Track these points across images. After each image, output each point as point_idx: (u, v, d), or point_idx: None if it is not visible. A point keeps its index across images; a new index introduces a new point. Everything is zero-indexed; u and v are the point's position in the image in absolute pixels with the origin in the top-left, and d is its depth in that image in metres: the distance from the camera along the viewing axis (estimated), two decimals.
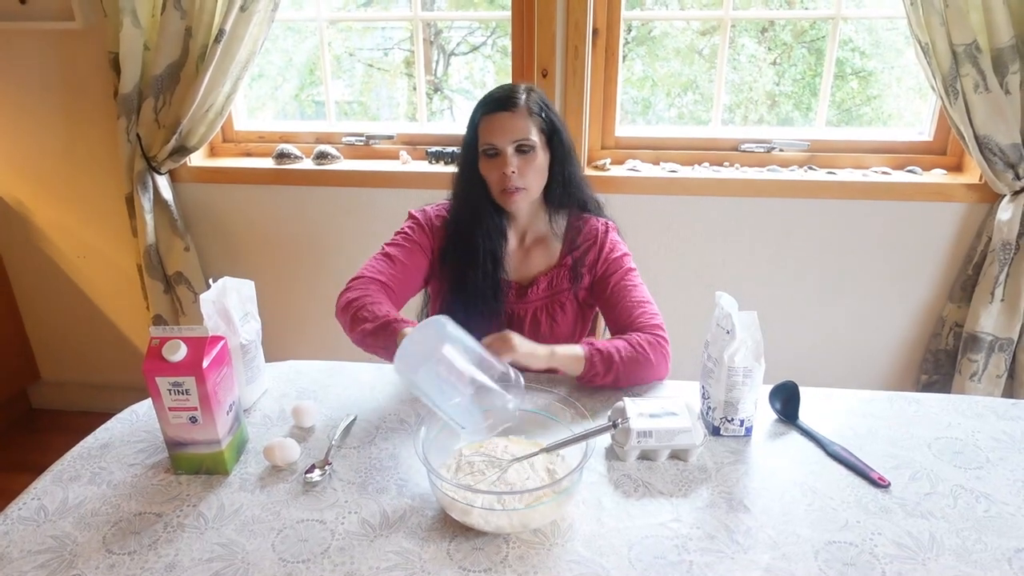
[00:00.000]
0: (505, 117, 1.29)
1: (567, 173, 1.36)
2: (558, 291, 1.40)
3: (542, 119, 1.31)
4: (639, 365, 1.25)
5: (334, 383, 1.34)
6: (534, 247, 1.42)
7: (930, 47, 1.72)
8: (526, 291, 1.40)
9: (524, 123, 1.29)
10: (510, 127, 1.28)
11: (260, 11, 1.92)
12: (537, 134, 1.30)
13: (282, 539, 0.96)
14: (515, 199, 1.31)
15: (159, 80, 1.99)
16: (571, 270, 1.39)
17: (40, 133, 2.23)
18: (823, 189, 2.00)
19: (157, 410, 1.05)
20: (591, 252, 1.39)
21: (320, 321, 2.36)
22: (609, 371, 1.23)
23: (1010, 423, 1.19)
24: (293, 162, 2.21)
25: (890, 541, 0.95)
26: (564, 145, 1.34)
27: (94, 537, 0.97)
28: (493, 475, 1.03)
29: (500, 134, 1.29)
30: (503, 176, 1.29)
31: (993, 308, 1.92)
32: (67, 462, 1.13)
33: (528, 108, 1.30)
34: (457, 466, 1.06)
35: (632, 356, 1.24)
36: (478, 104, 1.33)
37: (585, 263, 1.39)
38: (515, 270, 1.42)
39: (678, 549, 0.94)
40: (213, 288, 1.20)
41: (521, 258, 1.42)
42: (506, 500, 0.97)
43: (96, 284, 2.46)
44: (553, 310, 1.40)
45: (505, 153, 1.29)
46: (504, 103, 1.29)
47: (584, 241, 1.40)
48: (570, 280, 1.39)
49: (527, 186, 1.31)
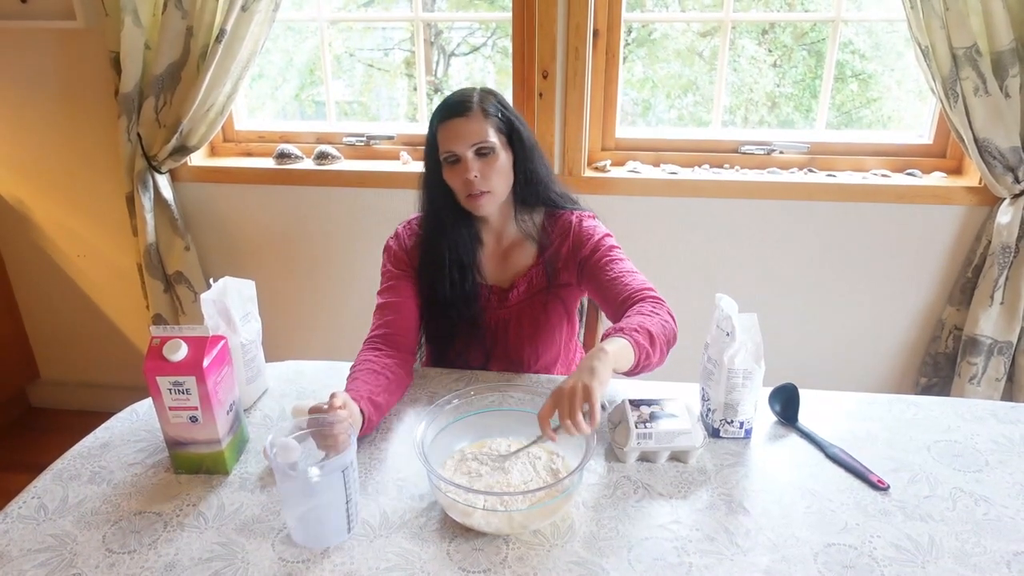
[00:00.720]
0: (460, 123, 1.28)
1: (530, 170, 1.35)
2: (537, 291, 1.39)
3: (499, 119, 1.31)
4: (666, 329, 1.19)
5: (334, 383, 1.34)
6: (511, 250, 1.42)
7: (930, 50, 1.73)
8: (507, 294, 1.40)
9: (480, 126, 1.28)
10: (466, 132, 1.28)
11: (261, 11, 1.92)
12: (495, 135, 1.30)
13: (282, 539, 0.96)
14: (481, 203, 1.31)
15: (160, 79, 1.99)
16: (546, 267, 1.39)
17: (41, 132, 2.23)
18: (823, 191, 2.00)
19: (157, 409, 1.05)
20: (564, 245, 1.38)
21: (320, 321, 2.36)
22: (654, 345, 1.14)
23: (1009, 426, 1.19)
24: (293, 162, 2.21)
25: (889, 544, 0.95)
26: (525, 143, 1.34)
27: (94, 536, 0.97)
28: (493, 474, 1.03)
29: (457, 140, 1.28)
30: (466, 181, 1.29)
31: (992, 311, 1.92)
32: (67, 461, 1.13)
33: (483, 110, 1.29)
34: (456, 467, 1.07)
35: (659, 325, 1.17)
36: (433, 113, 1.32)
37: (560, 257, 1.38)
38: (494, 274, 1.42)
39: (678, 551, 0.94)
40: (214, 288, 1.20)
41: (499, 262, 1.42)
42: (507, 501, 0.97)
43: (96, 283, 2.46)
44: (535, 310, 1.39)
45: (465, 158, 1.29)
46: (458, 108, 1.29)
47: (557, 236, 1.39)
48: (547, 278, 1.39)
49: (491, 188, 1.30)
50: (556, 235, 1.39)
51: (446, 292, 1.37)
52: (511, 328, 1.41)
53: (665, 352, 1.19)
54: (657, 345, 1.15)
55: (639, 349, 1.11)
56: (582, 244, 1.37)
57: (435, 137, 1.32)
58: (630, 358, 1.10)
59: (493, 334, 1.42)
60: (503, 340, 1.42)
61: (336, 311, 1.38)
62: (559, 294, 1.40)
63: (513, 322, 1.40)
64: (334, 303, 1.32)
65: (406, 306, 1.37)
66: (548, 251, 1.39)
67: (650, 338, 1.14)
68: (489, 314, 1.41)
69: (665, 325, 1.19)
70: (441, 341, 1.44)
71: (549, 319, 1.40)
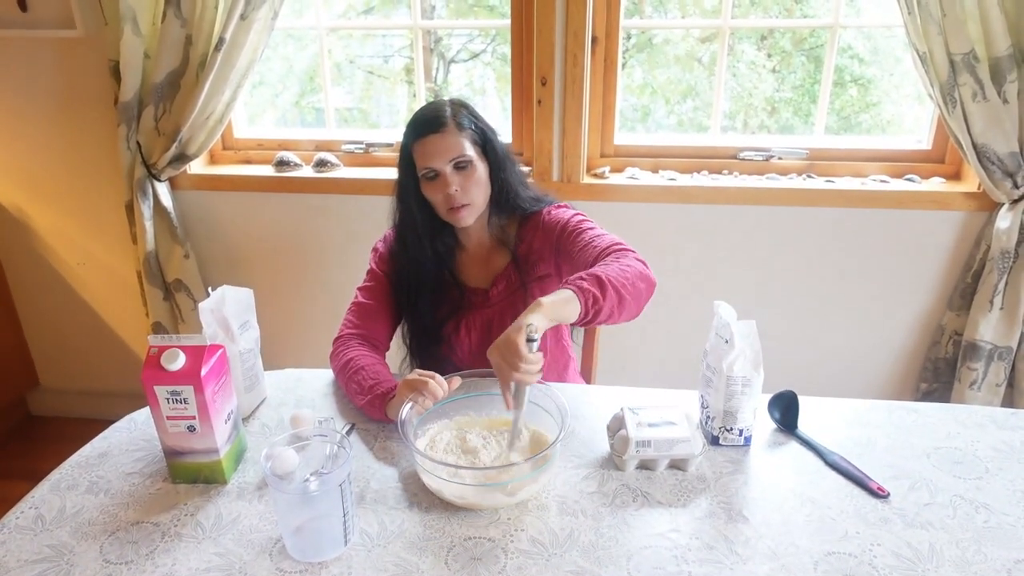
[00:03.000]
0: (436, 139, 1.29)
1: (504, 179, 1.37)
2: (516, 287, 1.41)
3: (473, 131, 1.32)
4: (626, 273, 1.16)
5: (332, 391, 1.34)
6: (490, 254, 1.44)
7: (928, 56, 1.73)
8: (487, 294, 1.42)
9: (456, 140, 1.29)
10: (443, 147, 1.29)
11: (260, 19, 1.92)
12: (471, 148, 1.31)
13: (279, 549, 0.96)
14: (463, 215, 1.32)
15: (159, 88, 2.00)
16: (522, 263, 1.40)
17: (40, 140, 2.23)
18: (822, 197, 2.00)
19: (155, 419, 1.05)
20: (536, 238, 1.40)
21: (319, 329, 2.36)
22: (604, 289, 1.11)
23: (1010, 433, 1.19)
24: (293, 170, 2.21)
25: (889, 552, 0.94)
26: (498, 152, 1.35)
27: (91, 547, 0.97)
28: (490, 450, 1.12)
29: (435, 156, 1.29)
30: (447, 196, 1.30)
31: (992, 316, 1.92)
32: (65, 471, 1.13)
33: (457, 124, 1.30)
34: (447, 446, 1.14)
35: (615, 269, 1.16)
36: (407, 130, 1.33)
37: (534, 251, 1.40)
38: (475, 279, 1.44)
39: (677, 560, 0.94)
40: (212, 297, 1.20)
41: (480, 267, 1.44)
42: (492, 475, 1.05)
43: (95, 291, 2.46)
44: (516, 306, 1.40)
45: (444, 173, 1.30)
46: (433, 125, 1.29)
47: (529, 232, 1.41)
48: (523, 273, 1.40)
49: (471, 201, 1.32)
50: (528, 232, 1.41)
51: (427, 300, 1.40)
52: (495, 327, 1.42)
53: (629, 294, 1.14)
54: (610, 288, 1.11)
55: (583, 295, 1.09)
56: (552, 230, 1.38)
57: (410, 153, 1.33)
58: (576, 306, 1.09)
59: (479, 334, 1.43)
60: (487, 338, 1.43)
61: (335, 319, 1.39)
62: (539, 288, 1.40)
63: (496, 320, 1.42)
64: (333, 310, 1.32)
65: (385, 311, 1.41)
66: (521, 247, 1.40)
67: (598, 282, 1.11)
68: (472, 314, 1.42)
69: (626, 269, 1.16)
70: (428, 345, 1.45)
71: None
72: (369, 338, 1.37)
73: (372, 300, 1.41)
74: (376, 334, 1.38)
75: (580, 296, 1.10)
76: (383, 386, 1.20)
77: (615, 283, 1.13)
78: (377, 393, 1.19)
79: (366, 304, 1.41)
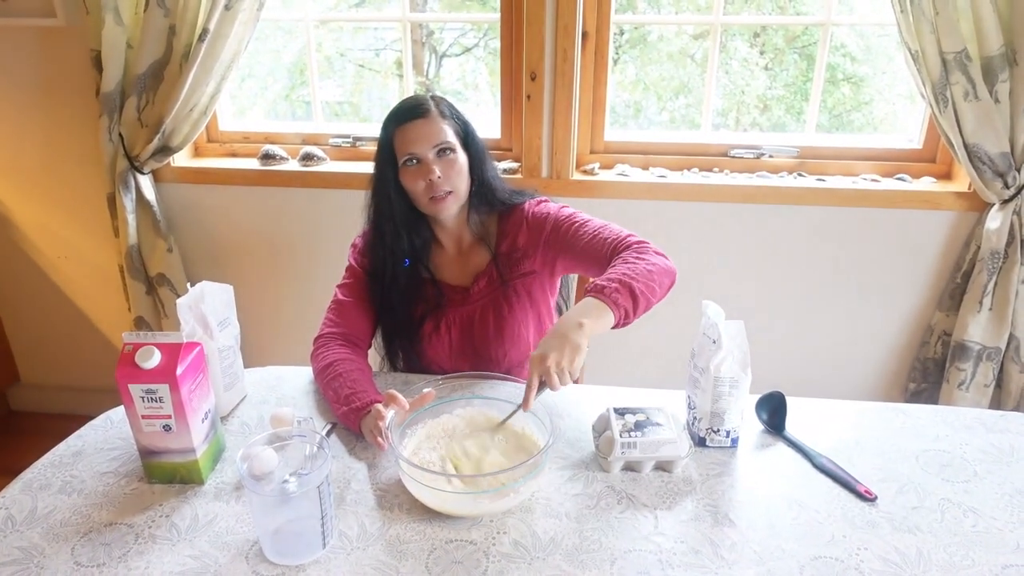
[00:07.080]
0: (419, 124, 1.28)
1: (483, 173, 1.36)
2: (497, 285, 1.39)
3: (455, 122, 1.32)
4: (652, 273, 1.17)
5: (313, 390, 1.32)
6: (470, 252, 1.42)
7: (920, 55, 1.72)
8: (468, 291, 1.40)
9: (439, 126, 1.29)
10: (426, 133, 1.28)
11: (245, 10, 1.89)
12: (454, 136, 1.31)
13: (256, 551, 0.94)
14: (445, 204, 1.31)
15: (142, 79, 1.96)
16: (505, 259, 1.38)
17: (20, 131, 2.19)
18: (812, 196, 1.99)
19: (130, 418, 1.03)
20: (520, 235, 1.38)
21: (303, 326, 2.32)
22: (632, 293, 1.13)
23: (998, 435, 1.18)
24: (278, 163, 2.18)
25: (876, 556, 0.93)
26: (477, 146, 1.35)
27: (63, 548, 0.95)
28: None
29: (417, 142, 1.28)
30: (429, 184, 1.29)
31: (981, 317, 1.91)
32: (37, 470, 1.10)
33: (440, 112, 1.31)
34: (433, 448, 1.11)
35: (642, 270, 1.17)
36: (388, 119, 1.32)
37: (518, 248, 1.38)
38: (456, 277, 1.42)
39: (661, 564, 0.92)
40: (190, 293, 1.17)
41: (460, 265, 1.42)
42: (479, 482, 1.01)
43: (77, 285, 2.42)
44: (498, 304, 1.39)
45: (427, 159, 1.28)
46: (416, 111, 1.29)
47: (511, 229, 1.39)
48: (506, 269, 1.38)
49: (454, 188, 1.30)
50: (510, 228, 1.39)
51: (402, 295, 1.38)
52: (476, 325, 1.40)
53: (656, 296, 1.17)
54: (641, 298, 1.14)
55: (617, 310, 1.11)
56: (540, 226, 1.36)
57: (390, 143, 1.31)
58: (609, 319, 1.11)
59: (459, 332, 1.41)
60: (469, 337, 1.41)
61: (319, 315, 1.37)
62: (522, 285, 1.39)
63: (478, 318, 1.40)
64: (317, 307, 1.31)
65: (365, 310, 1.39)
66: (504, 244, 1.38)
67: (631, 295, 1.13)
68: (452, 312, 1.40)
69: (651, 269, 1.18)
70: (409, 343, 1.43)
71: (513, 313, 1.39)
72: (350, 337, 1.34)
73: (351, 297, 1.39)
74: (357, 332, 1.36)
75: (615, 311, 1.11)
76: (359, 399, 1.16)
77: (646, 292, 1.14)
78: (353, 406, 1.16)
79: (345, 302, 1.39)
